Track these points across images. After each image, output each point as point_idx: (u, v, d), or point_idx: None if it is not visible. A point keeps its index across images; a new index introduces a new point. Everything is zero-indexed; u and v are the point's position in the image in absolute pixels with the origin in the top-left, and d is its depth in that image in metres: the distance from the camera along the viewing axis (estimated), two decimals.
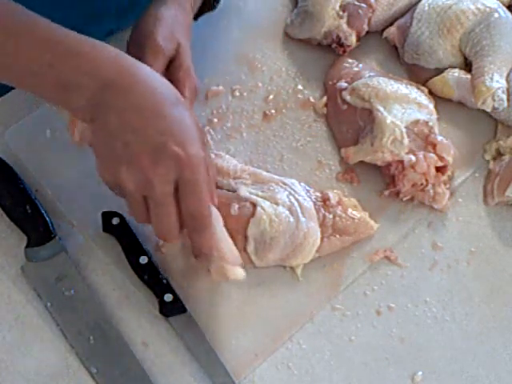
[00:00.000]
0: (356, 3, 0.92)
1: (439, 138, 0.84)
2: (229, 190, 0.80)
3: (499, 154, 0.88)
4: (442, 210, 0.84)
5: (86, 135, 0.74)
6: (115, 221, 0.80)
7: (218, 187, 0.81)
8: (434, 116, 0.86)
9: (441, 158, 0.83)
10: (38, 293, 0.77)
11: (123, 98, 0.67)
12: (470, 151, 0.89)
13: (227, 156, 0.84)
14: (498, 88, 0.83)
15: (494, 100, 0.84)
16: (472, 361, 0.78)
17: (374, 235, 0.83)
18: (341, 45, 0.92)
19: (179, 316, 0.76)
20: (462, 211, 0.86)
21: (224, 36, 0.95)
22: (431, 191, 0.83)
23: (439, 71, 0.91)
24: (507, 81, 0.86)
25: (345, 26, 0.91)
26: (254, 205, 0.78)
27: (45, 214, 0.80)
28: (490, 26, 0.88)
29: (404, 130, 0.83)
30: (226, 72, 0.92)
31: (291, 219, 0.78)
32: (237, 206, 0.79)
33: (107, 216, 0.80)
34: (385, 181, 0.85)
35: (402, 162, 0.82)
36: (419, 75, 0.92)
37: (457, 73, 0.90)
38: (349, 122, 0.87)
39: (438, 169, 0.83)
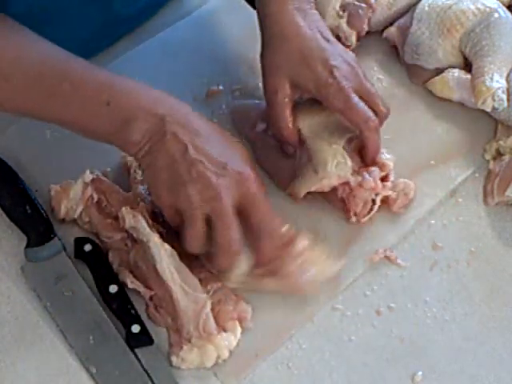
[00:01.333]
0: (356, 3, 0.93)
1: None
2: None
3: (499, 154, 0.88)
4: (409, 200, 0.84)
5: (70, 212, 0.80)
6: (87, 247, 0.78)
7: None
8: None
9: (382, 167, 0.82)
10: (37, 293, 0.77)
11: (181, 126, 0.72)
12: (470, 151, 0.89)
13: None
14: (498, 88, 0.83)
15: (493, 100, 0.84)
16: (472, 361, 0.78)
17: (375, 235, 0.83)
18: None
19: (146, 348, 0.75)
20: (462, 211, 0.86)
21: (224, 36, 0.95)
22: (393, 195, 0.82)
23: (439, 71, 0.91)
24: (507, 81, 0.86)
25: (345, 26, 0.91)
26: None
27: (45, 214, 0.80)
28: (489, 26, 0.88)
29: (343, 151, 0.81)
30: (226, 72, 0.92)
31: None
32: None
33: (79, 242, 0.79)
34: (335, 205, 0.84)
35: (347, 183, 0.81)
36: (419, 75, 0.92)
37: (457, 73, 0.90)
38: (284, 156, 0.84)
39: (381, 179, 0.82)
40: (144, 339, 0.75)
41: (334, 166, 0.80)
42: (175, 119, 0.72)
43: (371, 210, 0.82)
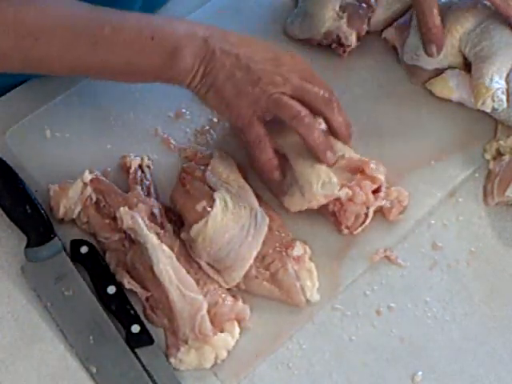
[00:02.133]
0: (356, 3, 0.93)
1: (363, 160, 0.81)
2: (210, 187, 0.81)
3: (499, 154, 0.88)
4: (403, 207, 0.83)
5: (69, 212, 0.80)
6: (84, 249, 0.78)
7: (202, 182, 0.81)
8: (346, 147, 0.82)
9: (373, 180, 0.80)
10: (37, 293, 0.77)
11: (224, 41, 0.77)
12: (470, 151, 0.89)
13: (232, 161, 0.83)
14: (498, 89, 0.83)
15: (493, 101, 0.84)
16: (472, 361, 0.78)
17: (374, 235, 0.82)
18: (341, 45, 0.92)
19: (146, 348, 0.75)
20: (462, 211, 0.86)
21: None
22: (387, 204, 0.82)
23: (439, 71, 0.91)
24: (506, 81, 0.86)
25: (345, 26, 0.91)
26: None
27: (45, 214, 0.80)
28: (489, 26, 0.88)
29: (327, 169, 0.80)
30: None
31: (236, 238, 0.78)
32: (204, 205, 0.79)
33: (76, 244, 0.79)
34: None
35: (338, 198, 0.80)
36: (419, 75, 0.92)
37: (457, 73, 0.90)
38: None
39: (373, 191, 0.81)
40: (144, 339, 0.75)
41: (320, 186, 0.79)
42: (216, 37, 0.76)
43: (364, 222, 0.82)
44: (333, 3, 0.92)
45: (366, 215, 0.81)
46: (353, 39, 0.92)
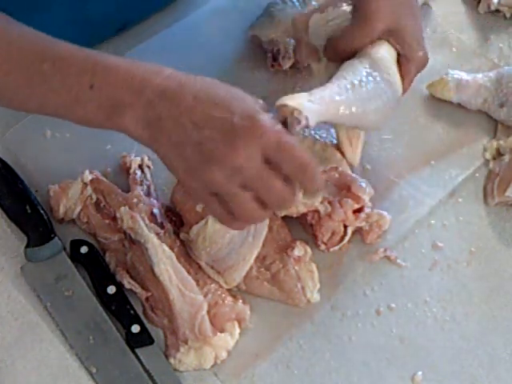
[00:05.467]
0: None
1: (353, 177, 0.80)
2: None
3: (499, 154, 0.88)
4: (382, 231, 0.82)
5: (69, 212, 0.80)
6: (84, 249, 0.78)
7: None
8: (343, 160, 0.82)
9: (357, 200, 0.80)
10: (37, 293, 0.77)
11: (175, 106, 0.64)
12: (470, 151, 0.89)
13: None
14: None
15: None
16: (472, 361, 0.78)
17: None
18: (274, 59, 0.90)
19: (146, 348, 0.75)
20: (462, 211, 0.86)
21: (223, 36, 0.95)
22: (366, 226, 0.81)
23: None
24: (500, 83, 0.86)
25: (291, 48, 0.89)
26: None
27: (45, 214, 0.80)
28: None
29: None
30: (226, 72, 0.92)
31: (236, 239, 0.77)
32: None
33: (76, 244, 0.79)
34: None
35: (317, 210, 0.79)
36: None
37: (457, 75, 0.90)
38: None
39: (355, 211, 0.80)
40: (144, 339, 0.75)
41: (301, 194, 0.79)
42: (168, 98, 0.65)
43: (341, 240, 0.81)
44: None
45: (345, 233, 0.81)
46: (287, 62, 0.89)
